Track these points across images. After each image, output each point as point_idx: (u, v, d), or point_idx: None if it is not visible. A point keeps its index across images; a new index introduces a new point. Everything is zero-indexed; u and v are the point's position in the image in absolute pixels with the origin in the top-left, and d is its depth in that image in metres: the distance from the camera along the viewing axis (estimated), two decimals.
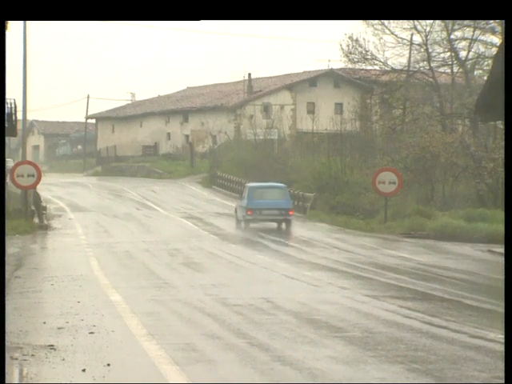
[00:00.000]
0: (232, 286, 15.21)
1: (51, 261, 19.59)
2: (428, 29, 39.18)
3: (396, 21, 39.45)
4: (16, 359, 8.82)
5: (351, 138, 43.14)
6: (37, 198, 30.48)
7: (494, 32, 36.52)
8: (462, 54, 39.65)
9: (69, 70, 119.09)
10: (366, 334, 10.49)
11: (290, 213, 28.32)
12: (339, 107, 59.15)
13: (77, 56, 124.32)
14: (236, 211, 29.83)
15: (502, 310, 12.82)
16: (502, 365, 8.68)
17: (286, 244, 24.12)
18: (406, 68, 41.79)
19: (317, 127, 51.03)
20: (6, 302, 11.91)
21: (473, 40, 38.72)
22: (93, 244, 23.13)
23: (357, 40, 40.88)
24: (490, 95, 15.25)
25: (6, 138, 31.05)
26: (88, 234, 26.35)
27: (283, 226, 28.29)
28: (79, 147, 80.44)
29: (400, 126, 40.64)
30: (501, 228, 25.51)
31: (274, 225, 28.77)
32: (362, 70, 44.39)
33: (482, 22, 36.50)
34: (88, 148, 75.81)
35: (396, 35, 40.52)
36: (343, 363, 8.83)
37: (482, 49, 38.86)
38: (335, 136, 45.02)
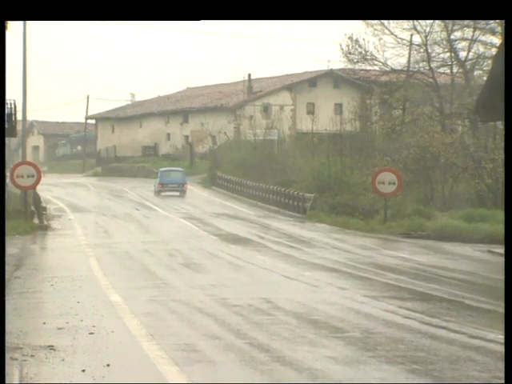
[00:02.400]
0: (232, 286, 15.21)
1: (51, 261, 19.59)
2: (428, 29, 39.16)
3: (396, 21, 39.46)
4: (16, 359, 8.82)
5: (351, 138, 43.15)
6: (36, 198, 30.47)
7: (493, 32, 36.46)
8: (462, 54, 39.61)
9: (69, 71, 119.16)
10: (365, 335, 10.50)
11: (185, 186, 45.50)
12: (339, 107, 59.14)
13: (77, 56, 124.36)
14: (154, 186, 46.41)
15: (501, 310, 12.83)
16: (501, 365, 8.69)
17: (285, 244, 24.14)
18: (406, 68, 41.77)
19: (316, 127, 51.02)
20: (6, 303, 11.90)
21: (472, 40, 38.66)
22: (92, 244, 23.14)
23: (357, 40, 40.88)
24: (490, 96, 15.25)
25: (6, 139, 31.03)
26: (88, 235, 26.36)
27: (182, 194, 44.90)
28: (79, 148, 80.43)
29: (400, 127, 40.64)
30: (501, 228, 25.52)
31: (177, 193, 44.90)
32: (362, 70, 44.36)
33: (482, 23, 36.46)
34: (88, 148, 75.82)
35: (396, 36, 40.53)
36: (343, 363, 8.83)
37: (481, 49, 38.82)
38: (335, 136, 45.03)
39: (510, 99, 9.53)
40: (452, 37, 38.66)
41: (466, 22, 36.80)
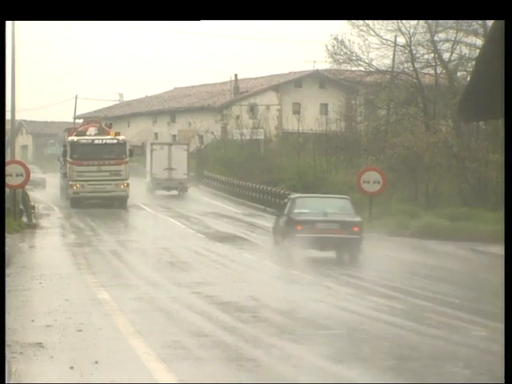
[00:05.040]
0: (218, 284, 15.34)
1: (39, 259, 19.65)
2: (412, 30, 39.32)
3: (380, 22, 39.62)
4: (4, 357, 8.91)
5: (336, 138, 43.30)
6: (25, 197, 30.45)
7: (476, 34, 36.68)
8: (446, 55, 39.80)
9: (57, 70, 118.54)
10: (351, 332, 10.64)
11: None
12: (324, 108, 59.25)
13: (65, 56, 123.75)
14: None
15: (484, 306, 13.05)
16: (484, 361, 8.87)
17: (272, 243, 24.25)
18: (391, 69, 41.95)
19: (302, 127, 51.12)
20: None
21: (456, 42, 38.87)
22: (81, 243, 23.20)
23: (342, 41, 41.01)
24: (473, 96, 15.43)
25: None
26: (76, 233, 26.40)
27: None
28: None
29: (384, 127, 40.79)
30: (483, 227, 25.81)
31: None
32: (347, 70, 44.44)
33: (465, 24, 36.67)
34: None
35: (380, 37, 40.68)
36: (329, 360, 8.96)
37: (464, 50, 39.03)
38: (320, 136, 45.20)
39: (509, 99, 9.60)
40: (436, 38, 38.82)
41: (450, 23, 36.98)
